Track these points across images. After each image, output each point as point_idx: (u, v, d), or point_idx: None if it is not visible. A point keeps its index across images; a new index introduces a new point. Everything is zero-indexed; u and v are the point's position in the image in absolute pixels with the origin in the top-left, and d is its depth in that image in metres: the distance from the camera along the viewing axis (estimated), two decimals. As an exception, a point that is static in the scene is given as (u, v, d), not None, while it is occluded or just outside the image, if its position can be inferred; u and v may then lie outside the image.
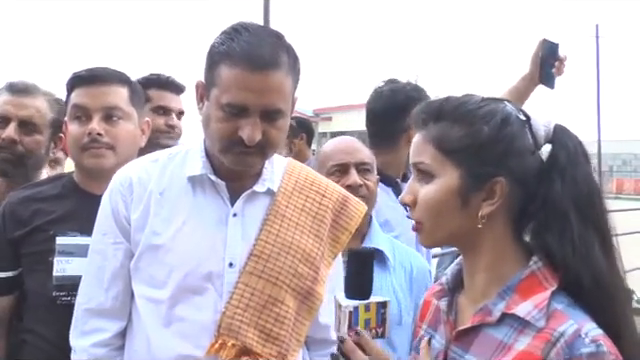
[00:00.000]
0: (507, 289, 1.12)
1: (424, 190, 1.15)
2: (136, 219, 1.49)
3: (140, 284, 1.50)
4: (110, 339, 1.52)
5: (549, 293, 1.07)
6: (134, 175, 1.53)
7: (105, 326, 1.52)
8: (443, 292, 1.26)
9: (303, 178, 1.61)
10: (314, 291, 1.52)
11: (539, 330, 1.05)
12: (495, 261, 1.15)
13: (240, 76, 1.37)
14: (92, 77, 1.81)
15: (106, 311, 1.52)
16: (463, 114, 1.14)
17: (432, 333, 1.27)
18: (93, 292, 1.53)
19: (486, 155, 1.11)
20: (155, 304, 1.46)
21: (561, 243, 1.09)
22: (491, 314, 1.11)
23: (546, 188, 1.12)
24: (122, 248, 1.51)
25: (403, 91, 2.34)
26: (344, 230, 1.60)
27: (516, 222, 1.15)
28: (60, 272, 1.71)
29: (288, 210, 1.54)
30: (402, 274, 1.94)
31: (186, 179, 1.51)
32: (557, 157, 1.13)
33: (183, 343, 1.44)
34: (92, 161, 1.79)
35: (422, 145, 1.16)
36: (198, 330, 1.44)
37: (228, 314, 1.44)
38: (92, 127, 1.76)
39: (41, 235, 1.75)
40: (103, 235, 1.54)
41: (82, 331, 1.53)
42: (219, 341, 1.43)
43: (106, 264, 1.52)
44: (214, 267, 1.46)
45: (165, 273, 1.46)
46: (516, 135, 1.12)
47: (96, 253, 1.55)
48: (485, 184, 1.11)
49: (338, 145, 2.04)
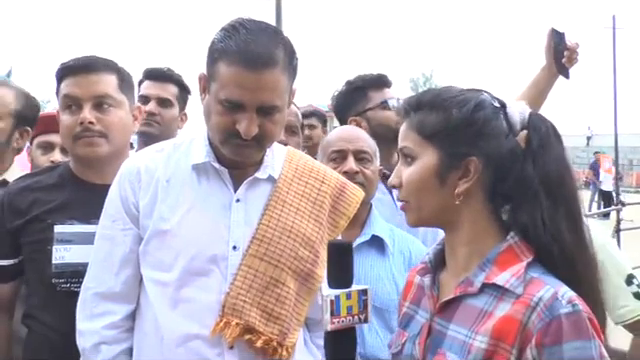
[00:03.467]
0: (486, 261, 1.20)
1: (407, 172, 1.26)
2: (144, 205, 1.55)
3: (148, 268, 1.56)
4: (120, 321, 1.58)
5: (525, 263, 1.17)
6: (141, 164, 1.59)
7: (115, 309, 1.58)
8: (426, 269, 1.34)
9: (302, 165, 1.67)
10: (314, 273, 1.58)
11: (518, 297, 1.13)
12: (474, 237, 1.23)
13: (237, 74, 1.42)
14: (81, 66, 1.82)
15: (116, 295, 1.58)
16: (440, 102, 1.25)
17: (415, 309, 1.34)
18: (103, 276, 1.59)
19: (460, 136, 1.21)
20: (163, 286, 1.53)
21: (533, 220, 1.18)
22: (472, 285, 1.20)
23: (519, 170, 1.20)
24: (131, 234, 1.57)
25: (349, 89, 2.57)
26: (342, 215, 1.67)
27: (492, 200, 1.23)
28: (59, 260, 1.75)
29: (289, 196, 1.59)
30: (401, 260, 1.98)
31: (191, 167, 1.57)
32: (531, 141, 1.22)
33: (189, 323, 1.50)
34: (85, 150, 1.81)
35: (406, 131, 1.28)
36: (204, 310, 1.50)
37: (232, 294, 1.50)
38: (83, 116, 1.78)
39: (39, 224, 1.79)
40: (113, 222, 1.59)
41: (92, 314, 1.58)
42: (224, 320, 1.49)
43: (116, 249, 1.58)
44: (219, 250, 1.52)
45: (172, 257, 1.52)
46: (489, 119, 1.22)
47: (105, 239, 1.61)
48: (460, 163, 1.21)
49: (340, 133, 2.12)
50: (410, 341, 1.30)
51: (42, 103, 12.74)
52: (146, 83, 2.70)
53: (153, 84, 2.68)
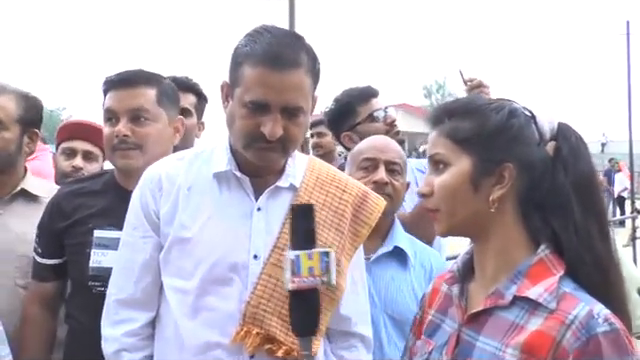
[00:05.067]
0: (518, 274, 1.19)
1: (439, 179, 1.24)
2: (165, 213, 1.56)
3: (169, 276, 1.56)
4: (140, 329, 1.59)
5: (557, 277, 1.16)
6: (162, 172, 1.60)
7: (135, 316, 1.59)
8: (454, 279, 1.33)
9: (324, 174, 1.67)
10: (336, 283, 1.57)
11: (551, 312, 1.12)
12: (504, 247, 1.23)
13: (262, 75, 1.44)
14: (119, 81, 1.92)
15: (136, 302, 1.59)
16: (474, 108, 1.25)
17: (442, 318, 1.34)
18: (124, 283, 1.61)
19: (495, 142, 1.21)
20: (183, 294, 1.53)
21: (565, 229, 1.18)
22: (503, 297, 1.19)
23: (551, 178, 1.20)
24: (151, 241, 1.58)
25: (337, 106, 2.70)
26: (364, 224, 1.66)
27: (524, 209, 1.23)
28: (96, 263, 1.83)
29: None
30: (422, 273, 1.97)
31: (212, 175, 1.58)
32: (561, 150, 1.22)
33: (210, 331, 1.50)
34: (121, 162, 1.90)
35: (437, 139, 1.27)
36: (224, 319, 1.50)
37: (253, 303, 1.50)
38: (118, 129, 1.87)
39: (81, 228, 1.89)
40: (133, 229, 1.61)
41: (113, 321, 1.60)
42: (244, 329, 1.49)
43: (136, 257, 1.60)
44: (239, 259, 1.52)
45: (193, 265, 1.52)
46: (522, 126, 1.23)
47: (126, 246, 1.63)
48: (495, 169, 1.21)
49: (372, 142, 2.11)
50: (437, 351, 1.30)
51: (58, 110, 13.15)
52: None
53: None
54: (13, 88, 2.20)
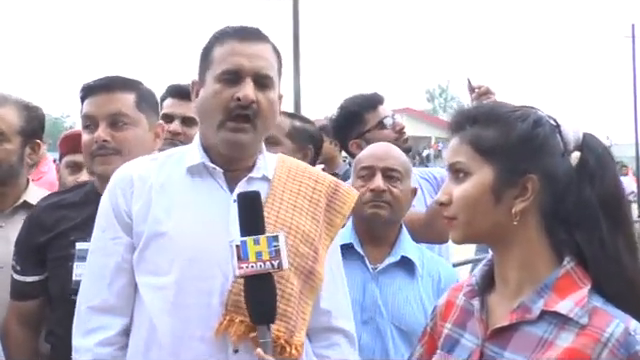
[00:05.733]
0: (544, 287, 1.15)
1: (460, 188, 1.20)
2: (137, 211, 1.52)
3: (145, 275, 1.51)
4: (114, 337, 1.52)
5: (586, 291, 1.12)
6: (134, 172, 1.57)
7: (109, 323, 1.52)
8: (474, 292, 1.28)
9: (295, 167, 1.67)
10: (315, 270, 1.55)
11: (582, 327, 1.08)
12: (528, 259, 1.18)
13: (231, 47, 1.53)
14: (98, 86, 1.88)
15: (110, 307, 1.53)
16: (497, 116, 1.21)
17: (460, 332, 1.29)
18: (96, 289, 1.55)
19: (519, 152, 1.16)
20: (161, 290, 1.48)
21: (591, 243, 1.14)
22: (530, 311, 1.14)
23: (576, 190, 1.16)
24: (122, 242, 1.53)
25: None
26: (337, 214, 1.64)
27: (547, 222, 1.18)
28: (79, 277, 1.73)
29: (285, 194, 1.58)
30: (430, 283, 1.93)
31: (185, 170, 1.56)
32: (587, 161, 1.18)
33: (191, 326, 1.46)
34: (101, 168, 1.83)
35: (458, 146, 1.22)
36: (206, 312, 1.46)
37: (235, 291, 1.45)
38: (97, 134, 1.82)
39: (63, 241, 1.82)
40: (102, 232, 1.57)
41: (85, 330, 1.53)
42: (227, 318, 1.45)
43: (107, 260, 1.54)
44: (219, 251, 1.46)
45: (170, 259, 1.48)
46: (548, 135, 1.18)
47: (96, 251, 1.58)
48: (518, 181, 1.16)
49: (371, 150, 2.09)
50: None
51: (62, 118, 13.12)
52: (170, 101, 2.63)
53: (177, 102, 2.61)
54: (14, 99, 2.16)
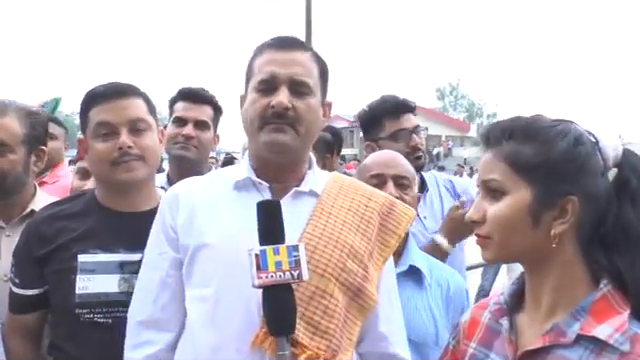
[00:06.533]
0: (580, 310, 1.09)
1: (494, 207, 1.15)
2: (182, 224, 1.53)
3: (191, 288, 1.51)
4: (160, 352, 1.52)
5: (626, 316, 1.06)
6: (181, 189, 1.61)
7: (155, 338, 1.53)
8: (502, 311, 1.24)
9: (347, 184, 1.62)
10: (365, 289, 1.50)
11: (622, 354, 1.03)
12: (564, 282, 1.13)
13: (269, 56, 1.53)
14: (112, 92, 1.81)
15: (155, 322, 1.54)
16: (536, 132, 1.14)
17: (486, 352, 1.24)
18: (142, 304, 1.56)
19: (559, 173, 1.10)
20: (202, 303, 1.47)
21: (632, 268, 1.08)
22: (565, 335, 1.09)
23: (617, 211, 1.10)
24: (168, 257, 1.54)
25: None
26: (392, 234, 1.58)
27: (585, 244, 1.12)
28: (82, 290, 1.71)
29: (334, 209, 1.54)
30: (438, 292, 1.90)
31: (232, 185, 1.56)
32: (628, 180, 1.13)
33: (228, 337, 1.43)
34: (125, 175, 1.77)
35: (493, 163, 1.16)
36: (243, 324, 1.42)
37: None
38: (122, 141, 1.75)
39: (65, 253, 1.76)
40: (151, 248, 1.59)
41: (133, 344, 1.55)
42: (263, 330, 1.39)
43: (152, 275, 1.56)
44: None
45: (212, 271, 1.47)
46: (589, 154, 1.12)
47: (144, 266, 1.60)
48: (557, 202, 1.10)
49: (378, 157, 2.07)
50: None
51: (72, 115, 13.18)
52: (182, 104, 2.60)
53: (190, 106, 2.59)
54: (15, 106, 2.10)
